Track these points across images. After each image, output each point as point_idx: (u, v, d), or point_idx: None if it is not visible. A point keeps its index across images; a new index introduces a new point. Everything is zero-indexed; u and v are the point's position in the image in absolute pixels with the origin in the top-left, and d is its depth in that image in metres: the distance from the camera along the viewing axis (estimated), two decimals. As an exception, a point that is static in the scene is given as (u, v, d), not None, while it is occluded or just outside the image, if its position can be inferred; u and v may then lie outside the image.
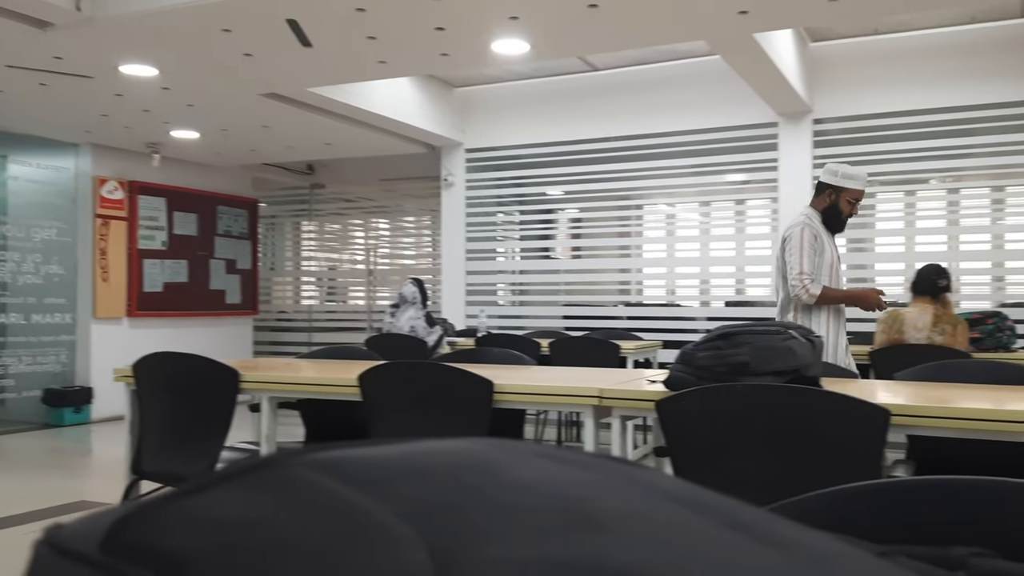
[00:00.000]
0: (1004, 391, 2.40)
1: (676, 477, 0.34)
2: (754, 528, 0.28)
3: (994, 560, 0.32)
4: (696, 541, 0.27)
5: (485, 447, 0.35)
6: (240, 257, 8.42)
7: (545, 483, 0.31)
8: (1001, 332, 4.54)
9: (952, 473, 0.92)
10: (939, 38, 5.77)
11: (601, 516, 0.28)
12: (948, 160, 5.90)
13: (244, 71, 4.90)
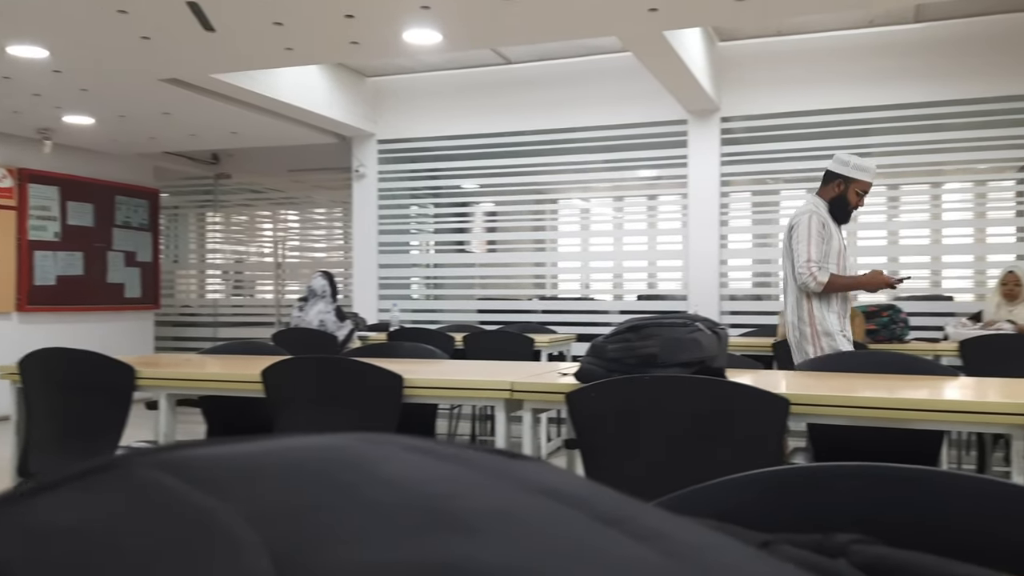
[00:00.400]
0: (896, 380, 2.51)
1: (557, 470, 0.32)
2: (626, 522, 0.27)
3: (875, 547, 0.32)
4: (563, 538, 0.26)
5: (352, 443, 0.32)
6: (140, 249, 8.08)
7: (411, 480, 0.29)
8: (895, 324, 4.75)
9: (849, 460, 0.93)
10: (839, 40, 5.99)
11: (466, 514, 0.26)
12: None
13: (142, 55, 4.68)
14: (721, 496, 0.93)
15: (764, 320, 5.89)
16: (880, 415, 2.04)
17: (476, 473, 0.29)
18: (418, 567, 0.23)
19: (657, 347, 2.43)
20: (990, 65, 5.69)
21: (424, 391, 2.57)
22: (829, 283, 3.44)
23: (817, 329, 3.51)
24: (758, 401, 2.08)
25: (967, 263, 6.18)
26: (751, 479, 0.92)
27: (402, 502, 0.26)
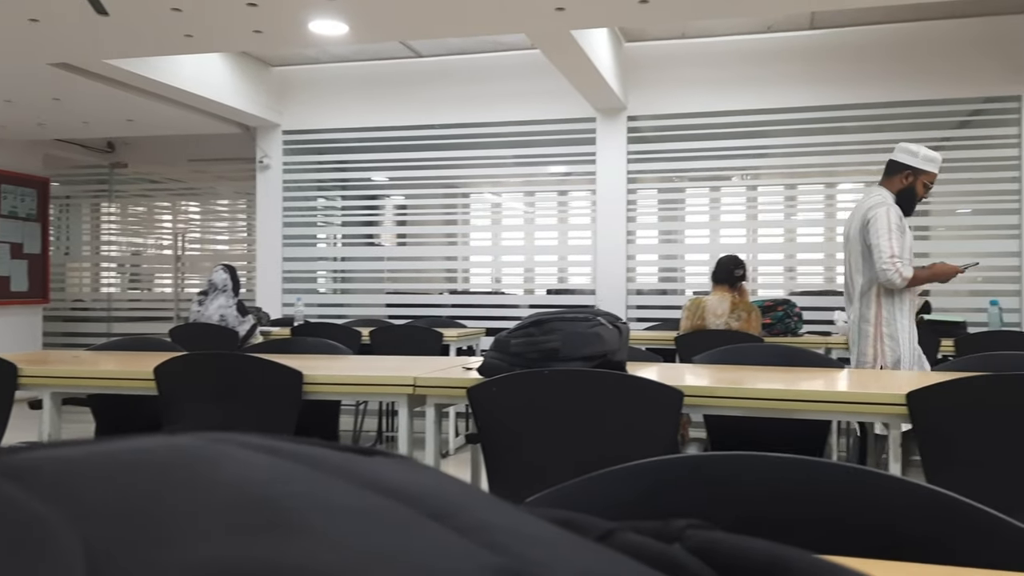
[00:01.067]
0: (786, 372, 2.61)
1: (408, 466, 0.32)
2: (456, 516, 0.27)
3: (710, 532, 0.32)
4: (386, 533, 0.26)
5: (193, 442, 0.32)
6: (28, 241, 7.66)
7: (244, 479, 0.29)
8: (789, 318, 4.95)
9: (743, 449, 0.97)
10: (741, 44, 6.20)
11: (293, 513, 0.26)
12: (748, 159, 6.35)
13: (29, 38, 4.44)
14: (607, 486, 0.96)
15: (669, 314, 6.05)
16: (766, 405, 2.13)
17: (315, 471, 0.29)
18: (233, 565, 0.23)
19: (559, 341, 2.47)
20: (882, 71, 5.99)
21: (325, 387, 2.54)
22: (913, 277, 3.27)
23: (882, 331, 3.36)
24: (654, 393, 2.14)
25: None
26: (630, 470, 0.95)
27: (231, 501, 0.26)
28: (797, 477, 0.90)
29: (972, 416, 1.92)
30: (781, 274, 6.66)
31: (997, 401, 1.90)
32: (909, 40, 5.94)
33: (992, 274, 5.96)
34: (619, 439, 2.18)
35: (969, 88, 5.86)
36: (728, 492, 0.94)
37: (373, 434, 5.41)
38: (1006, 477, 1.91)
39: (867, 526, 0.88)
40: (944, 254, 6.07)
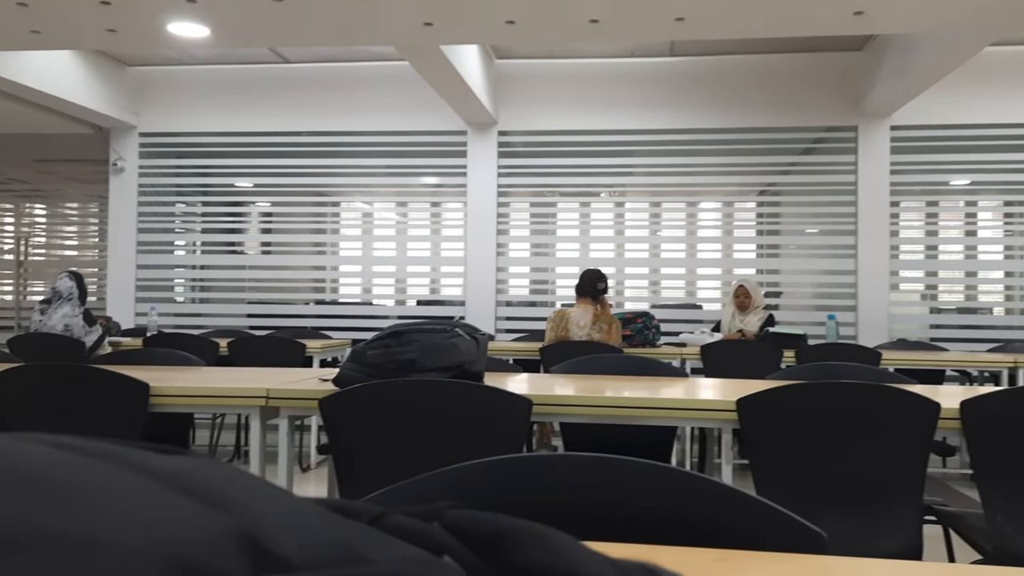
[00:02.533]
0: (636, 381, 2.74)
1: (196, 461, 0.35)
2: (207, 493, 0.31)
3: (468, 511, 0.36)
4: (137, 504, 0.29)
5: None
6: None
7: (24, 463, 0.32)
8: (648, 330, 5.15)
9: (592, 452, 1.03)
10: (606, 67, 6.43)
11: (56, 486, 0.29)
12: (615, 177, 6.59)
13: None
14: (444, 482, 1.01)
15: (538, 326, 6.18)
16: (612, 412, 2.23)
17: (92, 459, 0.32)
18: None
19: (416, 352, 2.49)
20: (736, 99, 6.36)
21: (173, 400, 2.46)
22: None
23: None
24: (504, 402, 2.20)
25: (716, 275, 6.83)
26: (474, 467, 1.01)
27: (5, 478, 0.28)
28: (601, 475, 0.98)
29: (787, 419, 2.08)
30: (646, 288, 6.92)
31: (807, 406, 2.07)
32: (759, 71, 6.34)
33: (831, 290, 6.42)
34: (471, 447, 2.22)
35: (813, 118, 6.31)
36: (541, 487, 1.00)
37: (231, 448, 5.24)
38: (813, 474, 2.08)
39: (666, 514, 0.95)
40: (793, 271, 6.50)
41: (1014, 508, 2.02)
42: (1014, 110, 6.11)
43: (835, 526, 2.10)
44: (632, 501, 0.98)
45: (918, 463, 2.08)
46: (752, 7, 3.91)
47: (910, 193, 6.36)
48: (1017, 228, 6.31)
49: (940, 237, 6.48)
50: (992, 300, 6.51)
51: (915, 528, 2.09)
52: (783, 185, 6.56)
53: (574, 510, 0.99)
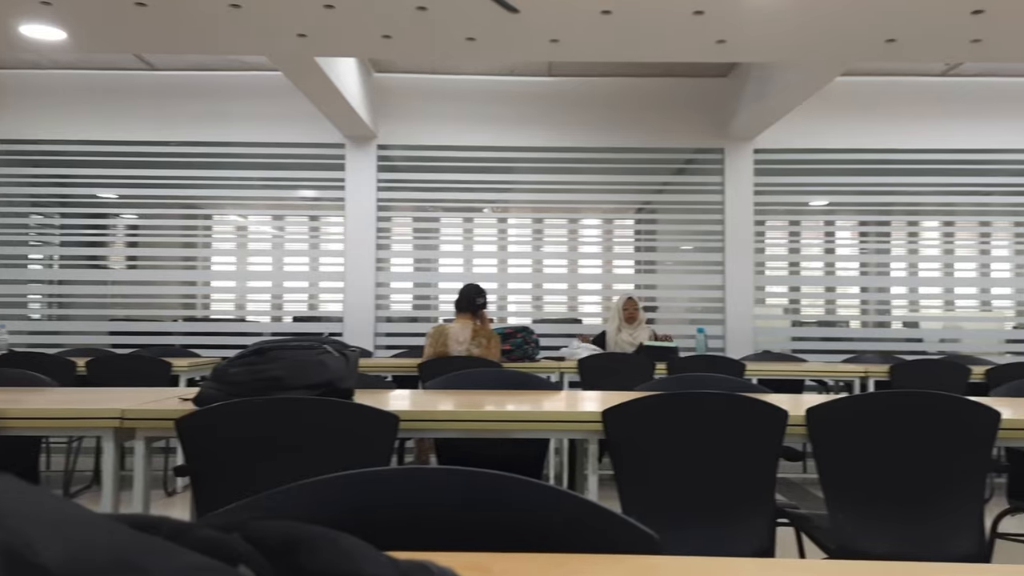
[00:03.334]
0: (512, 395, 2.76)
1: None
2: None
3: (268, 522, 0.37)
4: None
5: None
6: None
7: None
8: (527, 344, 5.21)
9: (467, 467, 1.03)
10: (486, 84, 6.51)
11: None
12: (498, 193, 6.65)
13: None
14: (287, 500, 1.00)
15: (418, 341, 6.15)
16: (480, 427, 2.24)
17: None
18: None
19: (282, 370, 2.44)
20: (613, 119, 6.56)
21: (17, 423, 2.30)
22: None
23: None
24: (370, 418, 2.18)
25: (597, 291, 6.98)
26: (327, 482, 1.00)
27: None
28: (449, 487, 0.98)
29: (648, 428, 2.16)
30: (528, 303, 7.00)
31: (667, 416, 2.15)
32: (635, 94, 6.57)
33: (702, 305, 6.69)
34: (335, 465, 2.18)
35: (684, 139, 6.59)
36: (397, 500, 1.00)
37: (89, 473, 4.95)
38: (673, 481, 2.16)
39: (512, 523, 0.97)
40: (667, 286, 6.73)
41: (853, 508, 2.16)
42: (863, 137, 6.57)
43: (693, 530, 2.18)
44: (481, 511, 0.99)
45: (769, 467, 2.19)
46: (622, 33, 4.06)
47: (773, 212, 6.72)
48: (871, 246, 6.76)
49: (802, 254, 6.86)
50: (849, 314, 6.94)
51: (767, 530, 2.19)
52: (658, 203, 6.80)
53: (423, 522, 1.00)
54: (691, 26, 3.99)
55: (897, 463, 2.14)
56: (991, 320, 6.80)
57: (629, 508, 2.17)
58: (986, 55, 4.41)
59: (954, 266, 6.75)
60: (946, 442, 2.13)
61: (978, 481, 2.16)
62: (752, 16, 3.84)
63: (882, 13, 3.80)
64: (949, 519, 2.14)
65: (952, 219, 6.73)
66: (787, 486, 5.24)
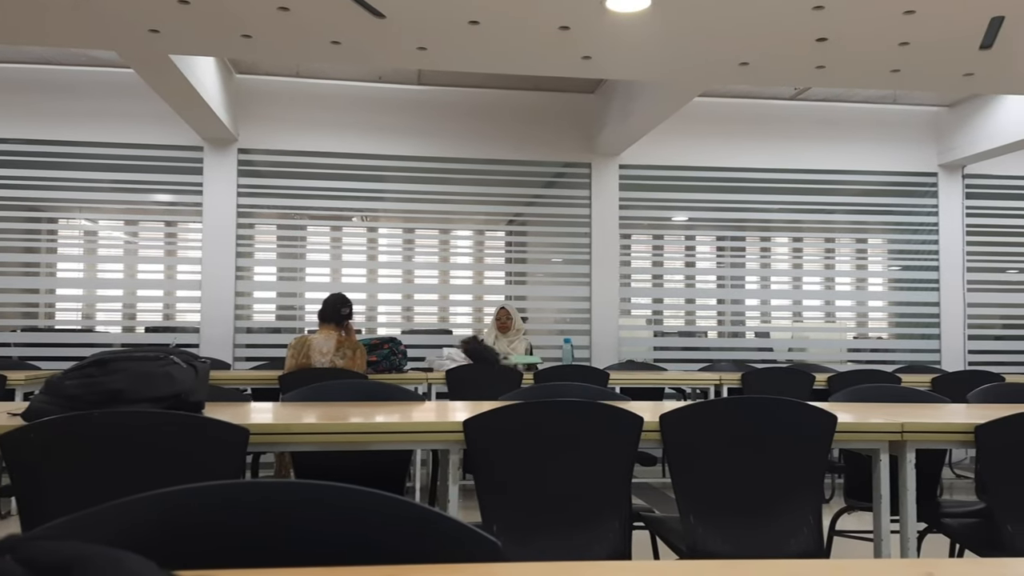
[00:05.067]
0: (371, 406, 2.70)
1: None
2: None
3: (43, 542, 0.37)
4: None
5: None
6: None
7: None
8: (395, 355, 5.14)
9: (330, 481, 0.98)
10: (354, 90, 6.40)
11: None
12: (367, 201, 6.55)
13: None
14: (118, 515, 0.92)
15: (281, 353, 5.94)
16: (338, 439, 2.18)
17: None
18: None
19: (124, 382, 2.29)
20: (483, 131, 6.60)
21: None
22: None
23: None
24: (218, 432, 2.07)
25: (468, 301, 6.98)
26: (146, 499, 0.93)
27: None
28: (287, 500, 0.94)
29: (508, 437, 2.16)
30: (399, 313, 6.92)
31: (527, 424, 2.16)
32: (506, 106, 6.64)
33: (569, 315, 6.82)
34: (181, 480, 2.06)
35: (553, 153, 6.71)
36: (213, 517, 0.94)
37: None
38: (532, 489, 2.17)
39: (349, 534, 0.93)
40: (537, 297, 6.82)
41: (704, 510, 2.23)
42: (721, 155, 6.90)
43: (552, 536, 2.19)
44: (318, 523, 0.95)
45: (626, 473, 2.23)
46: (490, 44, 4.08)
47: (638, 227, 6.94)
48: (727, 260, 7.09)
49: (664, 267, 7.11)
50: (707, 325, 7.24)
51: (624, 534, 2.23)
52: (529, 216, 6.89)
53: (257, 536, 0.94)
54: (557, 41, 4.06)
55: (744, 466, 2.23)
56: (834, 331, 7.27)
57: (489, 517, 2.16)
58: (830, 81, 4.73)
59: (802, 280, 7.18)
60: (789, 445, 2.24)
61: (818, 482, 2.28)
62: (616, 34, 3.95)
63: (736, 37, 4.00)
64: (792, 518, 2.25)
65: (800, 235, 7.16)
66: (647, 490, 5.40)
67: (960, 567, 0.82)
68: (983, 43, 3.95)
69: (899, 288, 7.20)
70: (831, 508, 3.02)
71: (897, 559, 1.24)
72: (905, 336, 7.20)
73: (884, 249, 7.29)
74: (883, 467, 2.28)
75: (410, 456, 3.16)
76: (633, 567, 0.83)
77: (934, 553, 3.10)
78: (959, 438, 2.25)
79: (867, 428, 2.27)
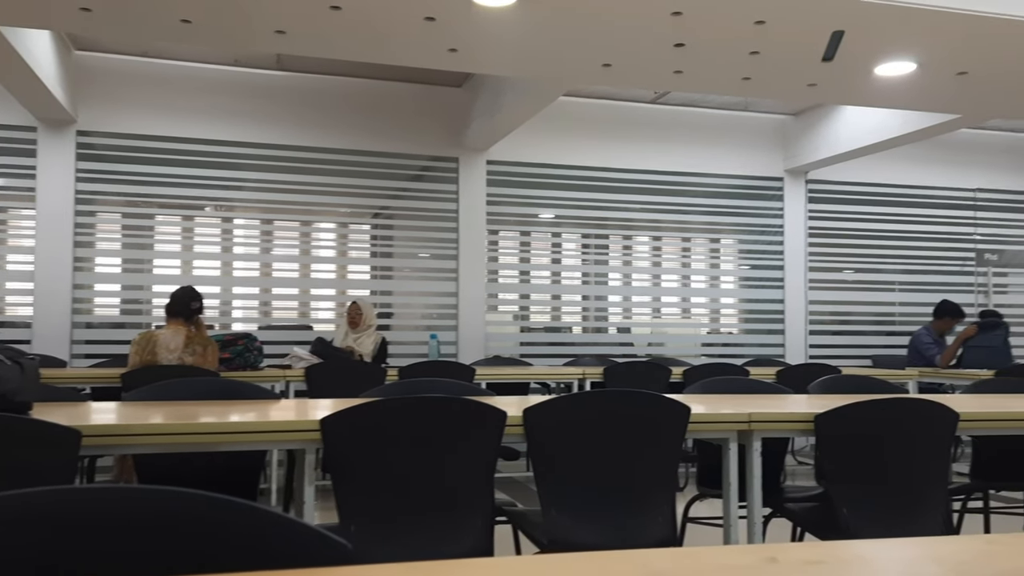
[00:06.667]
0: (224, 405, 2.56)
1: None
2: None
3: None
4: None
5: None
6: None
7: None
8: (249, 352, 4.92)
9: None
10: (208, 73, 6.08)
11: None
12: (223, 190, 6.24)
13: None
14: None
15: (117, 350, 5.57)
16: (181, 440, 2.04)
17: None
18: None
19: (-67, 382, 2.06)
20: (347, 120, 6.43)
21: None
22: None
23: None
24: (46, 434, 1.89)
25: (331, 296, 6.78)
26: None
27: None
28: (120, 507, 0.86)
29: (367, 435, 2.09)
30: (256, 308, 6.64)
31: (386, 421, 2.10)
32: (371, 96, 6.50)
33: (437, 311, 6.76)
34: (4, 487, 1.87)
35: (420, 146, 6.63)
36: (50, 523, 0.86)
37: None
38: (393, 486, 2.11)
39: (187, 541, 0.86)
40: (403, 292, 6.72)
41: (564, 503, 2.24)
42: (586, 155, 7.03)
43: (414, 533, 2.14)
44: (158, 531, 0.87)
45: (489, 467, 2.21)
46: (353, 31, 3.97)
47: (505, 223, 6.97)
48: (592, 258, 7.24)
49: (531, 264, 7.18)
50: (572, 321, 7.37)
51: (486, 529, 2.21)
52: (395, 209, 6.77)
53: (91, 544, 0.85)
54: (423, 32, 4.00)
55: (604, 457, 2.26)
56: (689, 326, 7.58)
57: (348, 517, 2.09)
58: (687, 85, 4.91)
59: (660, 278, 7.44)
60: (647, 436, 2.29)
61: (673, 471, 2.34)
62: (482, 28, 3.93)
63: (599, 39, 4.07)
64: (648, 508, 2.30)
65: (659, 235, 7.41)
66: (510, 484, 5.43)
67: (800, 551, 0.86)
68: (825, 55, 4.20)
69: (748, 286, 7.59)
70: (685, 496, 3.12)
71: (744, 545, 1.28)
72: (753, 331, 7.60)
73: (735, 249, 7.66)
74: (732, 455, 2.37)
75: (264, 457, 3.03)
76: (491, 564, 0.81)
77: (778, 537, 3.27)
78: (801, 427, 2.36)
79: (718, 418, 2.35)
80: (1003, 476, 3.23)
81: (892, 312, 7.83)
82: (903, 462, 2.38)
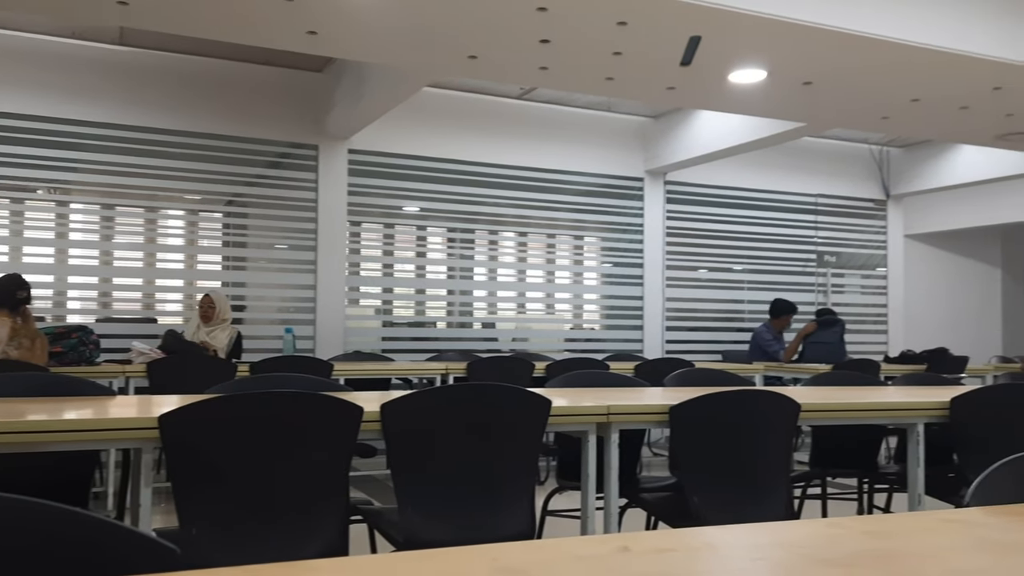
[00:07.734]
0: (60, 403, 2.34)
1: None
2: None
3: None
4: None
5: None
6: None
7: None
8: (84, 346, 4.58)
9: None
10: (42, 45, 5.60)
11: None
12: (57, 172, 5.77)
13: None
14: None
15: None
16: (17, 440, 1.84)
17: None
18: None
19: None
20: (199, 102, 6.07)
21: None
22: None
23: None
24: None
25: (179, 287, 6.41)
26: None
27: None
28: None
29: (211, 431, 1.95)
30: (94, 299, 6.19)
31: (234, 417, 1.97)
32: (223, 77, 6.17)
33: (293, 304, 6.52)
34: None
35: (277, 132, 6.36)
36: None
37: None
38: (243, 486, 1.98)
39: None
40: (257, 285, 6.43)
41: (420, 500, 2.18)
42: (452, 148, 6.98)
43: (262, 536, 2.02)
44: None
45: (343, 465, 2.12)
46: (202, 5, 3.73)
47: (368, 214, 6.81)
48: (457, 252, 7.20)
49: (395, 257, 7.06)
50: (436, 315, 7.31)
51: (340, 528, 2.12)
52: (250, 197, 6.48)
53: None
54: (281, 12, 3.81)
55: (464, 452, 2.21)
56: (553, 322, 7.69)
57: (188, 520, 1.94)
58: (553, 82, 4.94)
59: (526, 273, 7.50)
60: (507, 430, 2.26)
61: (533, 464, 2.32)
62: (343, 11, 3.79)
63: (465, 29, 4.03)
64: (507, 502, 2.27)
65: (525, 231, 7.46)
66: (368, 482, 5.31)
67: (652, 539, 0.89)
68: (683, 60, 4.33)
69: (610, 283, 7.78)
70: (545, 489, 3.13)
71: (600, 535, 1.29)
72: (614, 327, 7.80)
73: (598, 247, 7.83)
74: (591, 447, 2.39)
75: (96, 458, 2.80)
76: (338, 564, 0.76)
77: (634, 527, 3.34)
78: (656, 419, 2.41)
79: (578, 411, 2.35)
80: (839, 463, 3.45)
81: (741, 310, 8.25)
82: (750, 451, 2.47)
